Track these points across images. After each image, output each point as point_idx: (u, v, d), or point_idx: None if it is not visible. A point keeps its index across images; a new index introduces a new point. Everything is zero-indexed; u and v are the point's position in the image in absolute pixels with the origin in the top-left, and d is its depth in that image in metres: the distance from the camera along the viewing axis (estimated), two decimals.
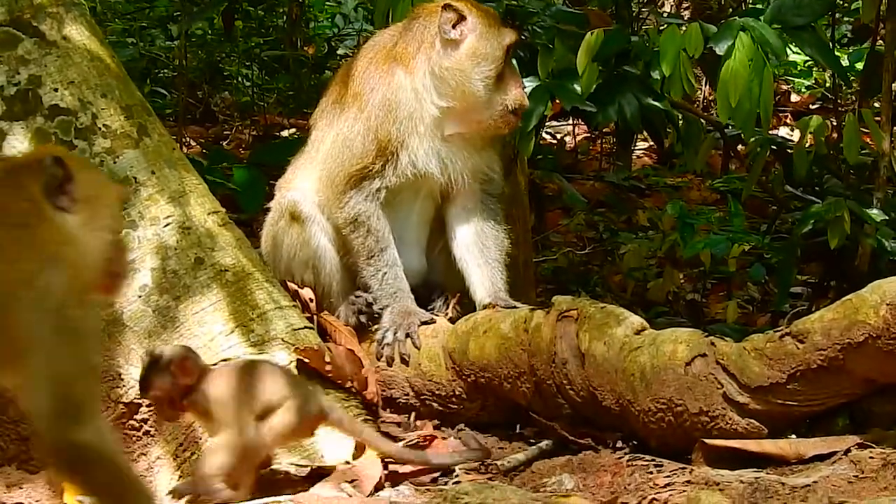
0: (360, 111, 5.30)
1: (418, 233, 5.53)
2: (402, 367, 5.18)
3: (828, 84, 10.95)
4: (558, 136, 10.23)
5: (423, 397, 5.15)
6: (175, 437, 4.74)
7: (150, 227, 4.88)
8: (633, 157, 10.04)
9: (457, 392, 5.06)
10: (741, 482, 3.97)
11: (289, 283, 5.33)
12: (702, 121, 6.89)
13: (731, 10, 8.95)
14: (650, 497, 4.01)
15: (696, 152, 6.60)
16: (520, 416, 4.95)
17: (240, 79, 11.40)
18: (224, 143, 10.16)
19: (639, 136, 8.74)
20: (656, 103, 6.09)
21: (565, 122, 10.21)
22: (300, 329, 4.96)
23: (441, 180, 5.35)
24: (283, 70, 11.32)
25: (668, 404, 4.40)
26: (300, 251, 5.41)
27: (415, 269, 5.48)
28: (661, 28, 6.39)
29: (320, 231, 5.40)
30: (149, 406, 4.70)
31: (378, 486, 4.35)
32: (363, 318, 5.33)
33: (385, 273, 5.31)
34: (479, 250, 5.41)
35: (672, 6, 11.11)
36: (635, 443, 4.56)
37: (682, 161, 8.19)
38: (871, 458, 4.05)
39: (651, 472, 4.26)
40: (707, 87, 9.75)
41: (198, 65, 11.13)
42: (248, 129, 10.56)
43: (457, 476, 4.48)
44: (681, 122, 6.62)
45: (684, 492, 3.97)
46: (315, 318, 5.27)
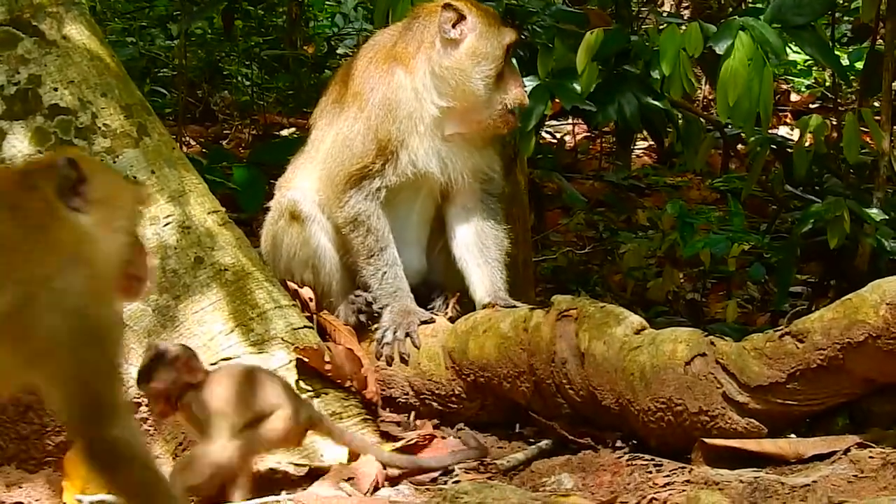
0: (360, 111, 5.30)
1: (418, 232, 5.53)
2: (401, 367, 5.18)
3: (828, 83, 10.94)
4: (558, 136, 10.20)
5: (422, 396, 5.15)
6: (175, 437, 4.73)
7: (150, 227, 4.86)
8: (633, 157, 10.01)
9: (456, 391, 5.06)
10: (741, 482, 3.97)
11: (288, 283, 5.33)
12: (701, 120, 6.88)
13: (730, 9, 8.93)
14: (650, 496, 4.01)
15: (695, 152, 6.60)
16: (519, 415, 4.95)
17: (239, 78, 11.38)
18: (224, 143, 10.14)
19: (638, 136, 8.71)
20: (656, 103, 6.10)
21: (565, 122, 10.19)
22: (300, 328, 4.96)
23: (441, 180, 5.35)
24: (282, 69, 11.30)
25: (668, 404, 4.40)
26: (300, 250, 5.41)
27: (414, 269, 5.48)
28: (661, 27, 6.39)
29: (320, 230, 5.40)
30: (148, 405, 4.69)
31: (376, 485, 4.35)
32: (363, 318, 5.34)
33: (385, 272, 5.31)
34: (478, 250, 5.41)
35: (672, 6, 11.10)
36: (635, 442, 4.56)
37: (682, 160, 8.20)
38: (870, 457, 4.05)
39: (650, 472, 4.27)
40: (707, 86, 9.73)
41: (197, 64, 11.11)
42: (248, 128, 10.55)
43: (456, 475, 4.48)
44: (680, 121, 6.61)
45: (684, 491, 3.98)
46: (315, 317, 5.27)
